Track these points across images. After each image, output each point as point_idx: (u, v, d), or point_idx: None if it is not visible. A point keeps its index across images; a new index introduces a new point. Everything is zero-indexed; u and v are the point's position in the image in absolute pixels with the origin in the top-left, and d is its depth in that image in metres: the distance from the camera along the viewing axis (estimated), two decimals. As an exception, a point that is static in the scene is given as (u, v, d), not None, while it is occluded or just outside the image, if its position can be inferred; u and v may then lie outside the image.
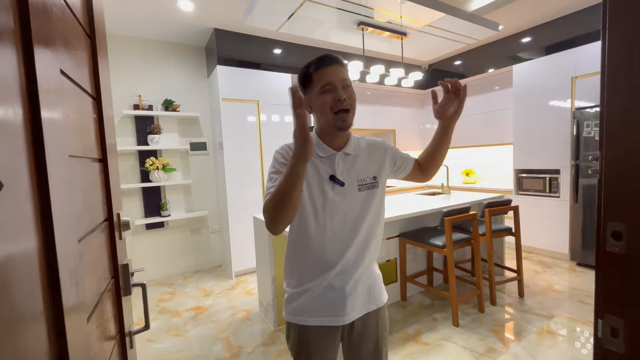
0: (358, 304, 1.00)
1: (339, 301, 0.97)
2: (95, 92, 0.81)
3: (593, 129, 3.05)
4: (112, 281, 0.83)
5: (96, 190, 0.76)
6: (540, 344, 1.98)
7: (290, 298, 1.01)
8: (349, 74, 0.96)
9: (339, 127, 0.93)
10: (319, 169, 0.97)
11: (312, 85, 0.93)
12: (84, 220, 0.64)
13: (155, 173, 3.22)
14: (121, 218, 0.91)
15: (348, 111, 0.92)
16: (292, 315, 0.99)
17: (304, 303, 0.98)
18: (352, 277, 0.98)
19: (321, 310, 0.97)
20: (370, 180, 1.01)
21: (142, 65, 3.30)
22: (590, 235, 3.12)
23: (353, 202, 0.98)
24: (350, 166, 0.99)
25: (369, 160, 1.03)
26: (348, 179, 0.98)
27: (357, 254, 0.99)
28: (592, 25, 3.12)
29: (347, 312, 0.98)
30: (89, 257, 0.65)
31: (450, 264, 2.21)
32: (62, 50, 0.57)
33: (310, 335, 0.98)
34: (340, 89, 0.91)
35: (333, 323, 0.98)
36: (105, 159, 0.82)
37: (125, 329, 0.88)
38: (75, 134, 0.62)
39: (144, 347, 2.15)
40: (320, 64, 0.92)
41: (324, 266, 0.97)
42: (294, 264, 1.02)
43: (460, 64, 4.40)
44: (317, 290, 0.97)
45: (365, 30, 2.72)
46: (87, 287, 0.61)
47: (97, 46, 0.81)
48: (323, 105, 0.92)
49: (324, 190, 0.96)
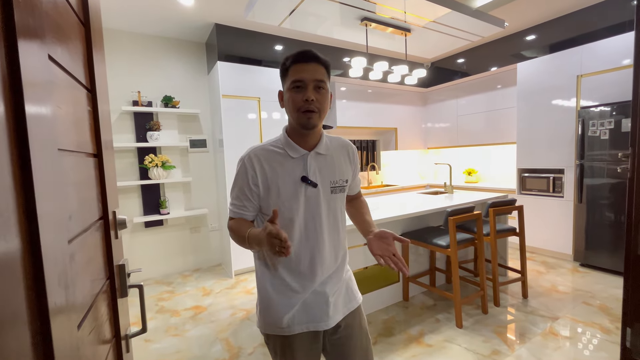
0: (340, 306, 1.00)
1: (322, 306, 0.96)
2: (90, 84, 0.77)
3: (599, 128, 3.00)
4: (107, 282, 0.79)
5: (90, 187, 0.72)
6: (546, 346, 1.95)
7: (267, 308, 0.96)
8: (328, 74, 0.92)
9: (302, 125, 0.90)
10: (290, 172, 0.93)
11: (286, 78, 0.91)
12: (76, 219, 0.60)
13: (154, 170, 3.18)
14: (117, 216, 0.87)
15: (314, 112, 0.89)
16: (272, 327, 0.95)
17: (285, 312, 0.93)
18: (332, 279, 0.98)
19: (305, 317, 0.95)
20: (343, 183, 1.00)
21: (142, 61, 3.25)
22: (595, 235, 3.09)
23: (327, 203, 0.96)
24: (322, 166, 0.96)
25: (341, 162, 1.01)
26: (320, 180, 0.95)
27: (334, 255, 0.99)
28: (598, 23, 3.07)
29: (331, 316, 0.96)
30: (81, 257, 0.61)
31: (454, 265, 2.18)
32: (51, 35, 0.53)
33: (295, 343, 0.95)
34: (310, 89, 0.87)
35: (318, 328, 0.95)
36: (101, 154, 0.78)
37: (121, 332, 0.84)
38: (66, 127, 0.58)
39: (142, 348, 2.11)
40: (297, 59, 0.88)
41: (305, 272, 0.94)
42: (269, 274, 0.97)
43: (463, 62, 4.35)
44: (300, 298, 0.94)
45: (368, 26, 2.67)
46: (78, 290, 0.57)
47: (92, 35, 0.77)
48: (291, 102, 0.89)
49: (297, 193, 0.93)
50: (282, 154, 0.94)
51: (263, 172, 0.92)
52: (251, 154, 0.94)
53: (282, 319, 0.93)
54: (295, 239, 0.93)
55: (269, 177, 0.92)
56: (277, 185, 0.92)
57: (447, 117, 4.82)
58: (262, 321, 0.98)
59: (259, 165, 0.92)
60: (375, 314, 2.41)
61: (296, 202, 0.92)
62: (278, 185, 0.92)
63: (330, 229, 0.97)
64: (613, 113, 2.91)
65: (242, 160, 0.95)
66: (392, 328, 2.21)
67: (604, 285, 2.75)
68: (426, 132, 5.19)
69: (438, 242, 2.27)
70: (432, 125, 5.10)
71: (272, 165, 0.92)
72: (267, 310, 0.96)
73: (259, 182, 0.92)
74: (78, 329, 0.53)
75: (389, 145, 5.00)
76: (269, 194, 0.92)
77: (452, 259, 2.18)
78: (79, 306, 0.57)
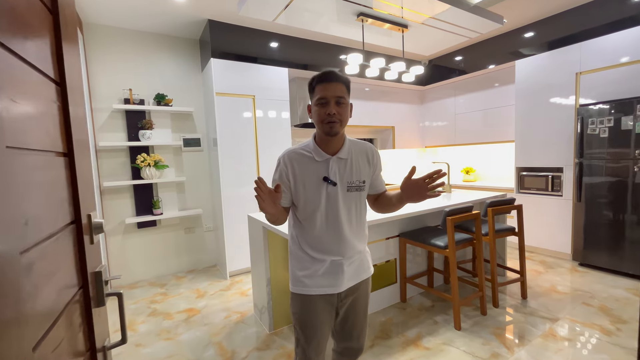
0: (352, 275, 1.23)
1: (338, 274, 1.19)
2: (60, 77, 0.71)
3: (598, 126, 2.96)
4: (80, 292, 0.73)
5: (58, 189, 0.66)
6: (546, 348, 1.91)
7: (294, 273, 1.22)
8: (347, 90, 1.13)
9: (326, 133, 1.12)
10: (315, 172, 1.16)
11: (313, 95, 1.13)
12: (36, 225, 0.54)
13: (146, 170, 3.11)
14: (93, 220, 0.81)
15: (335, 122, 1.10)
16: (296, 288, 1.21)
17: (309, 280, 1.19)
18: (347, 255, 1.20)
19: (323, 282, 1.18)
20: (359, 183, 1.20)
21: (133, 58, 3.18)
22: (594, 234, 3.05)
23: (343, 199, 1.17)
24: (342, 169, 1.17)
25: (360, 165, 1.21)
26: (339, 180, 1.16)
27: (350, 239, 1.20)
28: (597, 19, 3.03)
29: (344, 283, 1.20)
30: (43, 267, 0.55)
31: (453, 266, 2.13)
32: (5, 21, 0.47)
33: (313, 302, 1.19)
34: (332, 105, 1.09)
35: (332, 291, 1.19)
36: (72, 153, 0.72)
37: (97, 344, 0.78)
38: (23, 123, 0.52)
39: (133, 352, 2.05)
40: (322, 79, 1.10)
41: (326, 249, 1.18)
42: (298, 247, 1.22)
43: (461, 60, 4.30)
44: (321, 267, 1.18)
45: (365, 22, 2.61)
46: (38, 303, 0.52)
47: (61, 24, 0.71)
48: (317, 115, 1.12)
49: (319, 190, 1.16)
50: (310, 157, 1.17)
51: (294, 170, 1.16)
52: (286, 155, 1.18)
53: (305, 281, 1.19)
54: (318, 225, 1.17)
55: (297, 175, 1.16)
56: (304, 182, 1.15)
57: (445, 115, 4.78)
58: (290, 283, 1.23)
59: (290, 164, 1.16)
60: (372, 315, 2.37)
61: (318, 197, 1.15)
62: (305, 182, 1.15)
63: (346, 218, 1.19)
64: (612, 111, 2.87)
65: (279, 160, 1.19)
66: (390, 330, 2.17)
67: (604, 285, 2.72)
68: (424, 130, 5.14)
69: (436, 242, 2.22)
70: (429, 123, 5.05)
71: (301, 166, 1.16)
72: (294, 275, 1.22)
73: (291, 177, 1.16)
74: (34, 350, 0.48)
75: (386, 144, 4.95)
76: (297, 188, 1.16)
77: (450, 260, 2.13)
78: (37, 322, 0.51)
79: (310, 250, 1.19)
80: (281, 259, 2.22)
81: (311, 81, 1.13)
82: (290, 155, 1.17)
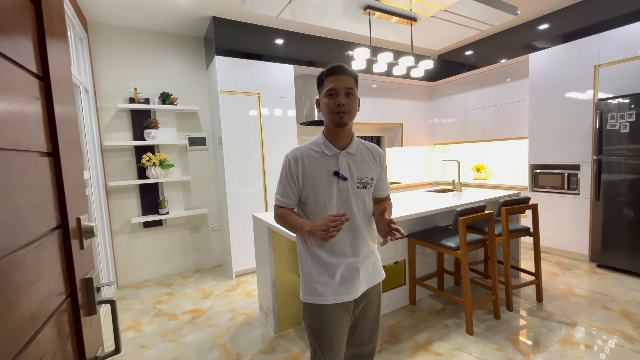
0: (367, 279, 1.19)
1: (354, 279, 1.14)
2: (43, 71, 0.66)
3: (618, 121, 2.83)
4: (68, 300, 0.69)
5: (40, 192, 0.61)
6: (565, 355, 1.81)
7: (307, 281, 1.15)
8: (356, 83, 1.13)
9: (336, 124, 1.11)
10: (324, 166, 1.14)
11: (322, 88, 1.13)
12: (10, 231, 0.49)
13: (152, 169, 3.10)
14: (83, 224, 0.76)
15: (345, 112, 1.09)
16: (310, 297, 1.14)
17: (323, 288, 1.12)
18: (363, 256, 1.16)
19: (338, 289, 1.12)
20: (368, 180, 1.18)
21: (138, 57, 3.16)
22: (613, 235, 2.92)
23: (354, 194, 1.15)
24: (352, 164, 1.16)
25: (369, 163, 1.19)
26: (349, 175, 1.15)
27: (365, 238, 1.17)
28: (616, 10, 2.88)
29: (359, 288, 1.15)
30: (20, 277, 0.50)
31: (465, 268, 2.05)
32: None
33: (328, 312, 1.12)
34: (342, 95, 1.09)
35: (347, 299, 1.13)
36: (57, 152, 0.68)
37: (87, 354, 0.74)
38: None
39: (137, 354, 2.03)
40: (331, 71, 1.10)
41: (340, 250, 1.13)
42: (310, 254, 1.16)
43: (471, 54, 4.17)
44: (335, 272, 1.12)
45: (372, 15, 2.53)
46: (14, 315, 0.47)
47: (44, 13, 0.66)
48: (327, 106, 1.11)
49: (330, 184, 1.13)
50: (319, 151, 1.15)
51: (302, 166, 1.14)
52: (293, 153, 1.16)
53: (319, 289, 1.12)
54: None
55: (307, 170, 1.13)
56: (314, 177, 1.13)
57: (455, 111, 4.65)
58: (302, 292, 1.17)
59: (299, 161, 1.14)
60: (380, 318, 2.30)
61: (329, 192, 1.13)
62: (314, 177, 1.13)
63: (361, 215, 1.16)
64: (632, 105, 2.73)
65: (286, 157, 1.16)
66: (398, 334, 2.10)
67: (624, 288, 2.60)
68: (433, 127, 5.03)
69: (447, 243, 2.14)
70: (439, 120, 4.93)
71: (310, 161, 1.14)
72: (307, 282, 1.15)
73: (300, 174, 1.14)
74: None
75: (394, 141, 4.85)
76: (306, 184, 1.14)
77: (462, 261, 2.05)
78: (13, 335, 0.46)
79: (323, 253, 1.14)
80: (286, 260, 2.17)
81: (320, 74, 1.14)
82: (298, 152, 1.16)
